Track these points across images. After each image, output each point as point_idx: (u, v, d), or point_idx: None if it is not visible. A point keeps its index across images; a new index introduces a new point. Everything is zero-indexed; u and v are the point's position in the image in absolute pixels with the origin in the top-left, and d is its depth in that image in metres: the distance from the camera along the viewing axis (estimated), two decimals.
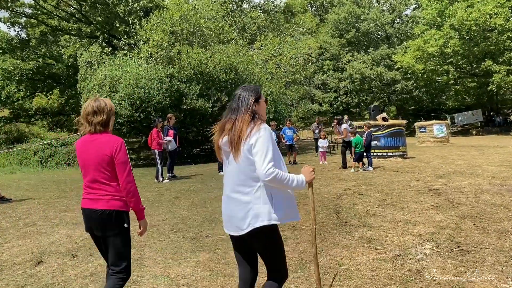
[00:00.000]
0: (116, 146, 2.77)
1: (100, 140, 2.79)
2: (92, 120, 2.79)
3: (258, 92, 2.61)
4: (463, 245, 4.66)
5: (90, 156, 2.79)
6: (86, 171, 2.84)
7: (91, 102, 2.84)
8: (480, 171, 9.54)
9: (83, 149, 2.83)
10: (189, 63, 16.01)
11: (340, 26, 42.92)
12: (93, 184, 2.80)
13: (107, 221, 2.76)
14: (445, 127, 20.61)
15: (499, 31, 28.63)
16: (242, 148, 2.40)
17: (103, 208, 2.75)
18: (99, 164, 2.77)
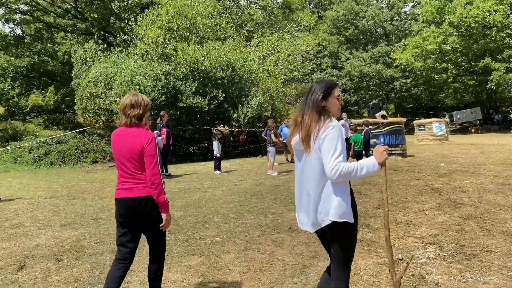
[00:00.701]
0: (146, 140, 2.94)
1: (133, 134, 2.97)
2: (129, 113, 2.98)
3: (329, 87, 2.56)
4: (468, 248, 4.45)
5: (123, 148, 2.97)
6: (119, 161, 3.01)
7: (129, 96, 3.03)
8: (482, 169, 9.33)
9: (118, 141, 3.01)
10: (185, 60, 15.75)
11: (338, 23, 42.67)
12: (126, 174, 2.98)
13: (141, 207, 2.94)
14: (444, 125, 20.41)
15: (498, 28, 28.44)
16: (312, 146, 2.43)
17: (137, 196, 2.93)
18: (130, 155, 2.94)
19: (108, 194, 8.78)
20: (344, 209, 2.40)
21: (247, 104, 16.94)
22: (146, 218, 2.98)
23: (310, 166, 2.49)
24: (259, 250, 4.66)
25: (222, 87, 16.56)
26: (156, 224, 3.03)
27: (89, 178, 12.22)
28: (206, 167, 13.39)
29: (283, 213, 6.35)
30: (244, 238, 5.10)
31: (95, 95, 15.67)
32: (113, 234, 5.51)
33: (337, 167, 2.30)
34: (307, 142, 2.44)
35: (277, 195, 7.82)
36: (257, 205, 6.95)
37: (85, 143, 19.21)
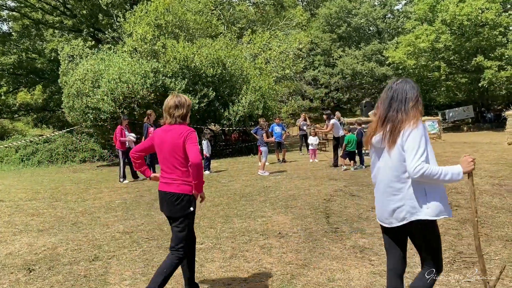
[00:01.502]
0: (187, 132, 3.16)
1: (175, 130, 3.18)
2: (174, 113, 3.21)
3: (418, 88, 2.66)
4: (466, 255, 4.21)
5: (166, 144, 3.19)
6: (162, 157, 3.24)
7: (173, 98, 3.26)
8: (477, 170, 9.13)
9: (161, 137, 3.24)
10: (175, 57, 15.40)
11: (331, 20, 42.45)
12: (167, 169, 3.21)
13: (176, 204, 3.16)
14: (437, 123, 20.27)
15: (490, 26, 28.33)
16: (396, 144, 2.47)
17: (173, 192, 3.15)
18: (173, 150, 3.16)
19: (92, 196, 8.46)
20: (436, 206, 2.44)
21: (238, 102, 16.65)
22: (177, 212, 3.19)
23: (392, 163, 2.53)
24: (245, 258, 4.39)
25: (213, 85, 16.23)
26: (184, 220, 3.22)
27: (75, 179, 11.87)
28: None
29: (272, 216, 6.08)
30: (231, 245, 4.83)
31: (82, 93, 15.28)
32: (92, 240, 5.22)
33: (420, 166, 2.32)
34: (393, 140, 2.50)
35: (267, 197, 7.56)
36: (246, 208, 6.68)
37: (73, 142, 18.84)
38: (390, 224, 2.61)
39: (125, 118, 10.79)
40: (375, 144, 2.68)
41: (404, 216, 2.49)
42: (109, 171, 13.77)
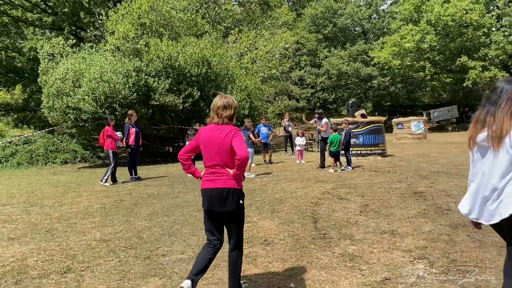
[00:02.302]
0: (234, 131, 3.28)
1: (223, 130, 3.29)
2: (222, 113, 3.31)
3: None
4: (460, 263, 4.02)
5: (213, 142, 3.30)
6: (208, 156, 3.34)
7: (221, 98, 3.36)
8: (465, 171, 9.01)
9: (207, 136, 3.34)
10: (158, 56, 15.03)
11: (317, 21, 42.41)
12: (213, 167, 3.32)
13: (226, 198, 3.25)
14: (422, 123, 20.29)
15: (474, 27, 28.59)
16: (503, 144, 2.49)
17: (221, 187, 3.25)
18: (219, 148, 3.27)
19: (69, 200, 8.10)
20: None
21: None
22: (229, 206, 3.27)
23: (498, 162, 2.54)
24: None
25: (198, 85, 15.91)
26: (235, 214, 3.34)
27: (54, 181, 11.46)
28: (180, 168, 12.76)
29: (258, 221, 5.83)
30: None
31: (63, 92, 14.82)
32: (65, 249, 4.90)
33: None
34: (498, 142, 2.52)
35: (253, 200, 7.31)
36: None
37: (54, 143, 18.32)
38: (489, 222, 2.65)
39: (112, 119, 10.46)
40: (480, 143, 2.69)
41: (500, 212, 2.54)
42: (90, 173, 13.37)
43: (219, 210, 3.31)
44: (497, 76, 28.29)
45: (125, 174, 11.12)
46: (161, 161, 15.62)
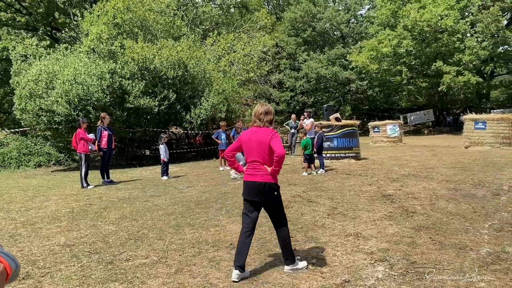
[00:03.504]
0: (272, 133, 3.90)
1: (263, 132, 3.92)
2: (263, 118, 3.96)
3: None
4: (419, 265, 4.09)
5: (254, 142, 3.90)
6: (249, 153, 3.96)
7: (262, 106, 4.02)
8: (434, 174, 9.20)
9: (249, 137, 3.96)
10: (133, 58, 14.89)
11: (296, 25, 42.68)
12: (254, 163, 3.93)
13: (263, 190, 3.86)
14: (398, 127, 20.59)
15: (449, 32, 29.21)
16: None
17: (259, 181, 3.86)
18: (259, 147, 3.88)
19: (37, 205, 7.95)
20: None
21: (200, 105, 16.30)
22: (266, 197, 3.90)
23: None
24: (191, 273, 4.11)
25: (174, 87, 15.82)
26: (274, 201, 3.95)
27: (24, 185, 11.23)
28: (154, 172, 12.69)
29: (226, 225, 5.83)
30: (178, 258, 4.54)
31: (36, 94, 14.55)
32: (27, 255, 4.80)
33: None
34: None
35: (224, 204, 7.30)
36: (200, 217, 6.39)
37: (28, 145, 17.96)
38: None
39: (84, 121, 10.30)
40: None
41: None
42: (62, 177, 13.14)
43: (257, 200, 3.94)
44: (470, 80, 28.95)
45: (98, 177, 10.98)
46: (136, 165, 15.45)
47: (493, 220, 5.45)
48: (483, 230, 5.07)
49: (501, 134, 14.52)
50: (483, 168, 9.56)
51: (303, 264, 4.09)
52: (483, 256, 4.21)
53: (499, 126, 14.59)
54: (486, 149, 14.14)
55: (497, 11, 29.27)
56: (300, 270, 4.01)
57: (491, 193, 6.93)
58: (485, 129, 14.72)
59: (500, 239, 4.71)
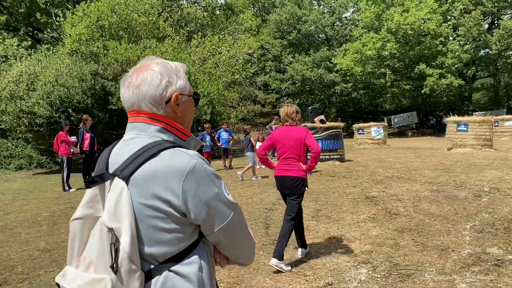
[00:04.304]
0: (305, 132, 4.30)
1: (296, 130, 4.31)
2: (295, 117, 4.36)
3: None
4: (402, 267, 4.11)
5: (288, 140, 4.27)
6: (283, 150, 4.31)
7: (292, 106, 4.42)
8: (417, 175, 9.28)
9: (283, 135, 4.32)
10: (116, 60, 14.72)
11: (281, 27, 42.80)
12: (288, 159, 4.28)
13: (295, 184, 4.25)
14: (382, 128, 20.75)
15: (432, 35, 29.60)
16: None
17: (293, 175, 4.24)
18: (295, 144, 4.25)
19: (17, 209, 7.78)
20: None
21: None
22: (296, 190, 4.27)
23: None
24: None
25: None
26: (300, 195, 4.34)
27: (4, 189, 11.00)
28: None
29: None
30: None
31: (16, 96, 14.27)
32: (5, 260, 4.69)
33: None
34: None
35: None
36: None
37: (8, 148, 17.61)
38: None
39: (67, 124, 10.16)
40: None
41: None
42: (44, 180, 12.91)
43: (288, 192, 4.32)
44: (453, 83, 29.38)
45: (80, 180, 10.80)
46: None
47: (474, 221, 5.51)
48: (464, 231, 5.12)
49: (483, 136, 14.74)
50: (465, 170, 9.68)
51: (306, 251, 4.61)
52: (464, 257, 4.25)
53: (480, 128, 14.81)
54: (468, 151, 14.34)
55: (478, 15, 29.77)
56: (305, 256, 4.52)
57: (472, 195, 7.02)
58: (467, 131, 14.93)
59: (481, 240, 4.76)
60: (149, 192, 1.11)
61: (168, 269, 1.13)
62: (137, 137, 1.21)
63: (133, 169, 1.13)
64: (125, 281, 1.07)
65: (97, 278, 1.08)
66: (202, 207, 1.14)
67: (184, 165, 1.12)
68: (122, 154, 1.19)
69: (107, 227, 1.08)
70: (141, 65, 1.30)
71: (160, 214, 1.12)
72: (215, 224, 1.18)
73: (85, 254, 1.15)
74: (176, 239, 1.14)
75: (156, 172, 1.12)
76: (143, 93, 1.22)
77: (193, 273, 1.15)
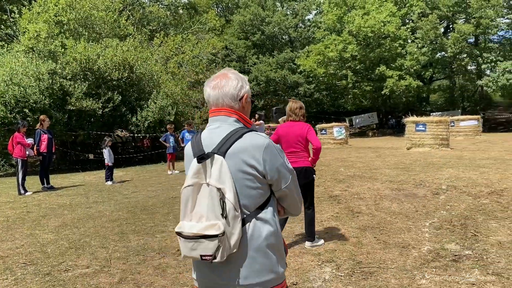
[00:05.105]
0: (307, 127, 4.62)
1: (299, 125, 4.63)
2: (299, 113, 4.69)
3: None
4: (365, 265, 4.17)
5: (292, 134, 4.57)
6: (288, 144, 4.58)
7: (296, 102, 4.80)
8: (378, 174, 9.49)
9: (287, 130, 4.62)
10: (75, 59, 14.25)
11: (245, 28, 42.86)
12: (292, 153, 4.54)
13: (305, 173, 4.55)
14: (344, 129, 21.14)
15: (391, 38, 30.47)
16: None
17: (301, 166, 4.52)
18: (297, 139, 4.56)
19: None
20: None
21: (147, 107, 15.89)
22: (306, 179, 4.56)
23: None
24: (136, 282, 3.94)
25: (119, 89, 15.31)
26: (310, 184, 4.68)
27: None
28: (98, 177, 12.20)
29: (173, 231, 5.67)
30: (121, 267, 4.35)
31: None
32: None
33: None
34: None
35: (171, 209, 7.13)
36: (146, 223, 6.19)
37: None
38: None
39: (24, 125, 9.72)
40: None
41: None
42: None
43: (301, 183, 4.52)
44: (411, 84, 30.37)
45: (37, 183, 10.38)
46: (80, 169, 14.79)
47: (433, 218, 5.69)
48: (424, 228, 5.26)
49: (440, 136, 15.27)
50: (424, 169, 9.99)
51: (321, 242, 4.81)
52: (424, 254, 4.36)
53: (437, 128, 15.34)
54: (426, 150, 14.82)
55: (435, 18, 30.90)
56: (319, 246, 4.72)
57: (431, 193, 7.24)
58: (425, 131, 15.43)
59: (439, 236, 4.91)
60: (240, 161, 1.63)
61: (255, 217, 1.65)
62: (221, 126, 1.72)
63: (227, 147, 1.63)
64: (231, 224, 1.56)
65: (211, 224, 1.57)
66: (275, 171, 1.67)
67: (262, 142, 1.65)
68: (213, 138, 1.69)
69: (216, 188, 1.57)
70: (221, 73, 1.82)
71: (248, 176, 1.64)
72: (282, 183, 1.72)
73: (196, 210, 1.62)
74: (259, 194, 1.67)
75: (243, 147, 1.63)
76: (225, 92, 1.74)
77: (270, 218, 1.68)
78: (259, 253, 1.64)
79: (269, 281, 1.65)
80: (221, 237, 1.54)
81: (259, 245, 1.63)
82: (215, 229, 1.54)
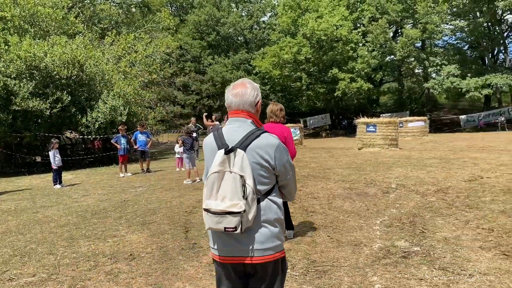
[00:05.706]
0: (288, 131, 4.79)
1: (280, 127, 4.77)
2: (279, 114, 4.88)
3: None
4: (319, 263, 4.24)
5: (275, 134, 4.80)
6: None
7: (276, 105, 4.95)
8: (331, 174, 9.71)
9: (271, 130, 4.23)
10: (19, 56, 13.56)
11: (200, 28, 42.58)
12: None
13: None
14: (298, 130, 21.47)
15: (344, 41, 31.29)
16: None
17: None
18: None
19: None
20: None
21: (98, 108, 15.39)
22: None
23: None
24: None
25: (68, 89, 14.73)
26: None
27: None
28: (46, 180, 11.67)
29: (126, 235, 5.52)
30: (71, 274, 4.17)
31: None
32: None
33: None
34: None
35: (123, 212, 6.93)
36: (97, 227, 5.98)
37: None
38: None
39: None
40: None
41: None
42: None
43: None
44: (362, 87, 31.35)
45: None
46: (26, 172, 14.09)
47: (383, 216, 5.88)
48: (375, 226, 5.43)
49: (389, 136, 15.85)
50: (374, 168, 10.32)
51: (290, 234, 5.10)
52: (375, 251, 4.50)
53: (387, 129, 15.92)
54: (376, 150, 15.33)
55: (384, 23, 32.06)
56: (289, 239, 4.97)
57: (381, 191, 7.49)
58: (376, 132, 15.97)
59: (390, 234, 5.08)
60: (257, 156, 2.05)
61: (267, 198, 2.09)
62: (242, 126, 2.13)
63: (247, 143, 2.04)
64: (250, 203, 1.97)
65: (235, 203, 1.95)
66: (282, 166, 2.11)
67: (274, 142, 2.09)
68: (234, 135, 2.09)
69: (239, 175, 1.96)
70: (240, 83, 2.24)
71: (262, 168, 2.06)
72: (286, 175, 2.16)
73: (220, 193, 1.99)
74: (270, 181, 2.10)
75: (260, 145, 2.06)
76: (245, 100, 2.17)
77: (277, 199, 2.13)
78: (269, 224, 2.08)
79: (277, 246, 2.10)
80: (242, 214, 1.94)
81: (269, 218, 2.07)
82: (238, 208, 1.93)
